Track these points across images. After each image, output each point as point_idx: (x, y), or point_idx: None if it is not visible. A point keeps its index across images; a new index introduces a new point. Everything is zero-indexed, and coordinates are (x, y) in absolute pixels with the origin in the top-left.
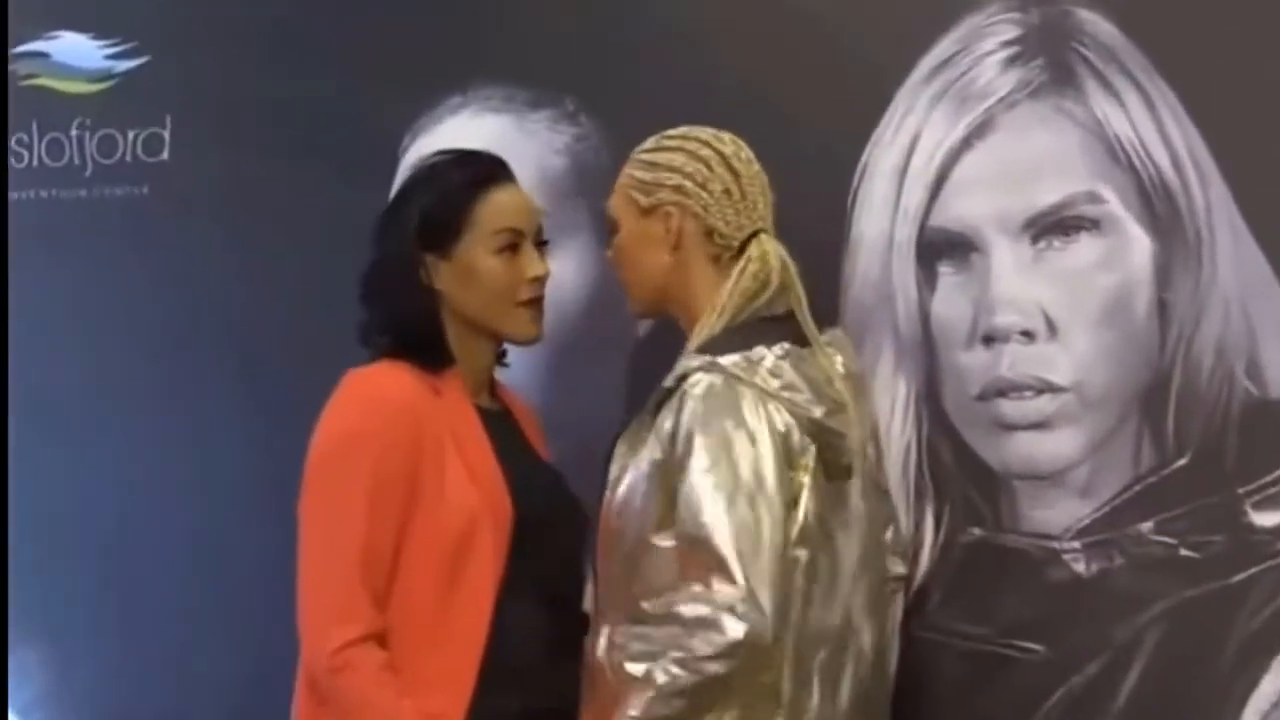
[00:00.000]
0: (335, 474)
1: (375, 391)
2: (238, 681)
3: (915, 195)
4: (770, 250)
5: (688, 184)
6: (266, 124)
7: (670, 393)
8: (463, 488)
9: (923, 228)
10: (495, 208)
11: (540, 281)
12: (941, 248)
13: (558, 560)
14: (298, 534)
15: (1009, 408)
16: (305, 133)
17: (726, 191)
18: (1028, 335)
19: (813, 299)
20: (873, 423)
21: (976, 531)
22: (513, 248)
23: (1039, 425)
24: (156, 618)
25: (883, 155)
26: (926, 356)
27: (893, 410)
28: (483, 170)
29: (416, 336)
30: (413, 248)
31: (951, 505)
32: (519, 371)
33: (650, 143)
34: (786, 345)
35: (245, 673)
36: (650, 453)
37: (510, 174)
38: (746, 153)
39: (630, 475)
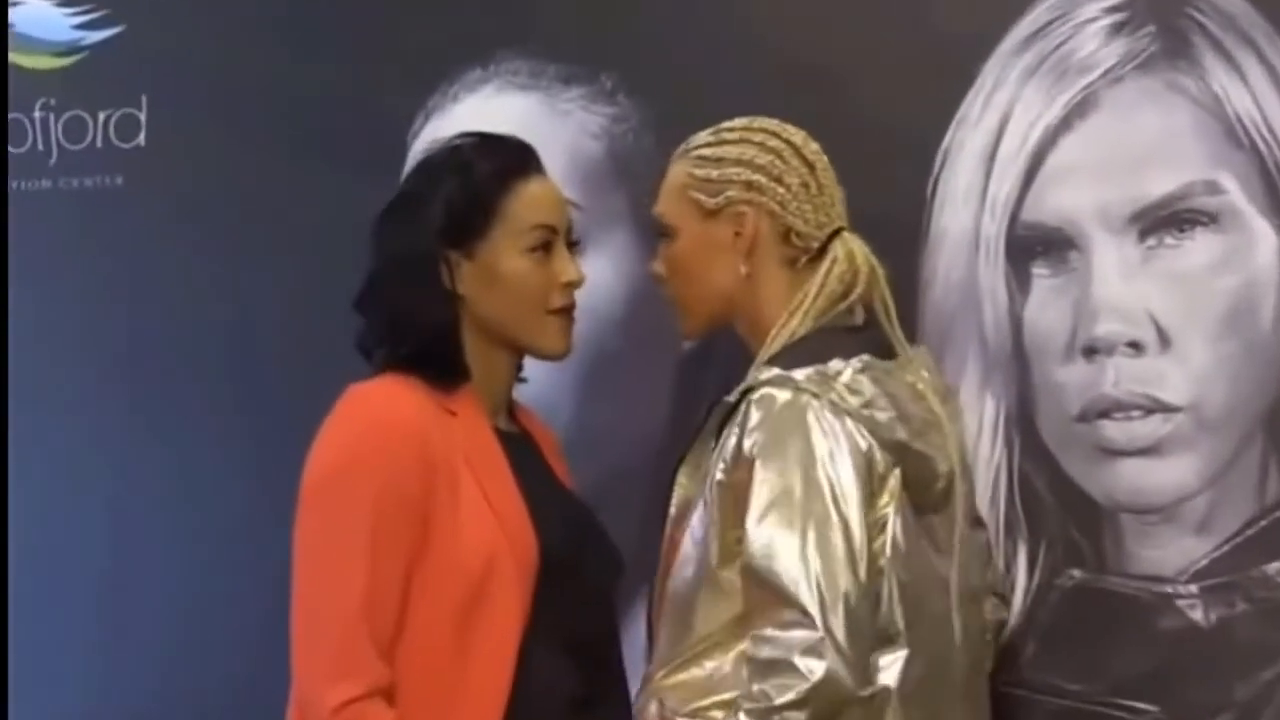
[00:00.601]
0: (333, 506)
1: (380, 410)
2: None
3: (1005, 185)
4: (856, 250)
5: (761, 178)
6: (257, 105)
7: (734, 410)
8: (481, 522)
9: (1014, 222)
10: (527, 201)
11: (574, 288)
12: (1035, 246)
13: (588, 604)
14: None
15: (1114, 430)
16: (301, 114)
17: (804, 185)
18: (1135, 347)
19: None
20: (965, 445)
21: (1076, 573)
22: (545, 247)
23: (1149, 451)
24: (151, 654)
25: (967, 139)
26: (1018, 371)
27: (980, 433)
28: (513, 157)
29: (432, 347)
30: (435, 244)
31: (1048, 543)
32: (537, 389)
33: (706, 136)
34: (866, 358)
35: (247, 702)
36: (713, 476)
37: (540, 164)
38: (816, 144)
39: (695, 506)
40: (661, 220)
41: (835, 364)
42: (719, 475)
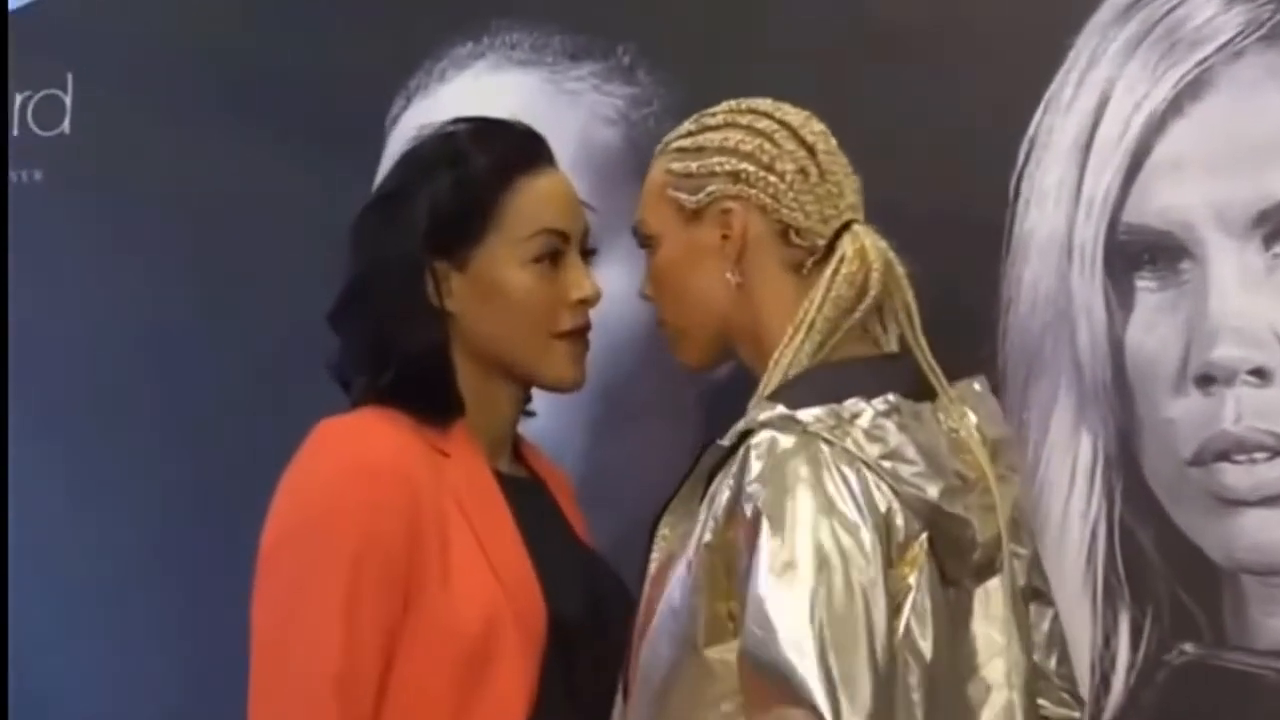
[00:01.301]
0: (299, 568)
1: (357, 450)
2: None
3: (1103, 180)
4: (869, 245)
5: (748, 167)
6: (204, 84)
7: (728, 455)
8: (479, 581)
9: (1113, 225)
10: (533, 201)
11: (587, 306)
12: (1140, 253)
13: (605, 677)
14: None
15: (1235, 475)
16: (258, 97)
17: (802, 172)
18: (1260, 375)
19: (954, 324)
20: (1022, 504)
21: (1190, 648)
22: (552, 257)
23: (1276, 500)
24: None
25: (1057, 125)
26: (1119, 404)
27: (1072, 479)
28: (517, 148)
29: (419, 374)
30: (419, 252)
31: (1154, 612)
32: (549, 425)
33: (687, 124)
34: (893, 398)
35: None
36: (701, 535)
37: (550, 156)
38: (819, 125)
39: (676, 566)
40: (641, 229)
41: (853, 403)
42: (707, 536)
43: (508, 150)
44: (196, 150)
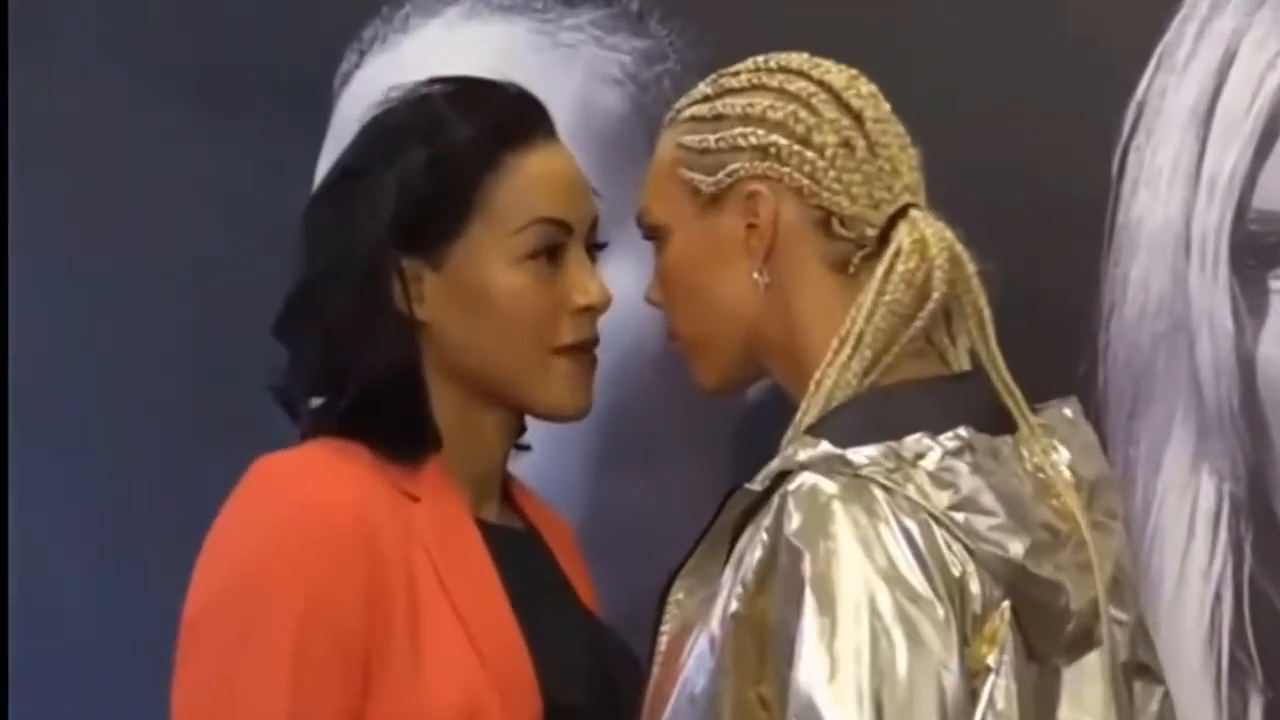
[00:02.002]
0: (232, 638)
1: (304, 495)
2: None
3: (1228, 157)
4: (931, 236)
5: (779, 140)
6: (120, 43)
7: (759, 504)
8: (456, 658)
9: (1241, 212)
10: (527, 183)
11: (595, 314)
12: (1275, 246)
13: None
14: None
15: None
16: (181, 50)
17: (846, 145)
18: None
19: (1041, 336)
20: (1126, 561)
21: None
22: (551, 254)
23: None
24: None
25: (1171, 89)
26: (1250, 435)
27: (1190, 529)
28: (506, 117)
29: (381, 400)
30: (384, 247)
31: None
32: (542, 461)
33: (703, 87)
34: (965, 432)
35: None
36: (726, 603)
37: (550, 126)
38: (868, 86)
39: (694, 639)
40: (646, 217)
41: (916, 439)
42: (735, 604)
43: (497, 118)
44: (115, 123)
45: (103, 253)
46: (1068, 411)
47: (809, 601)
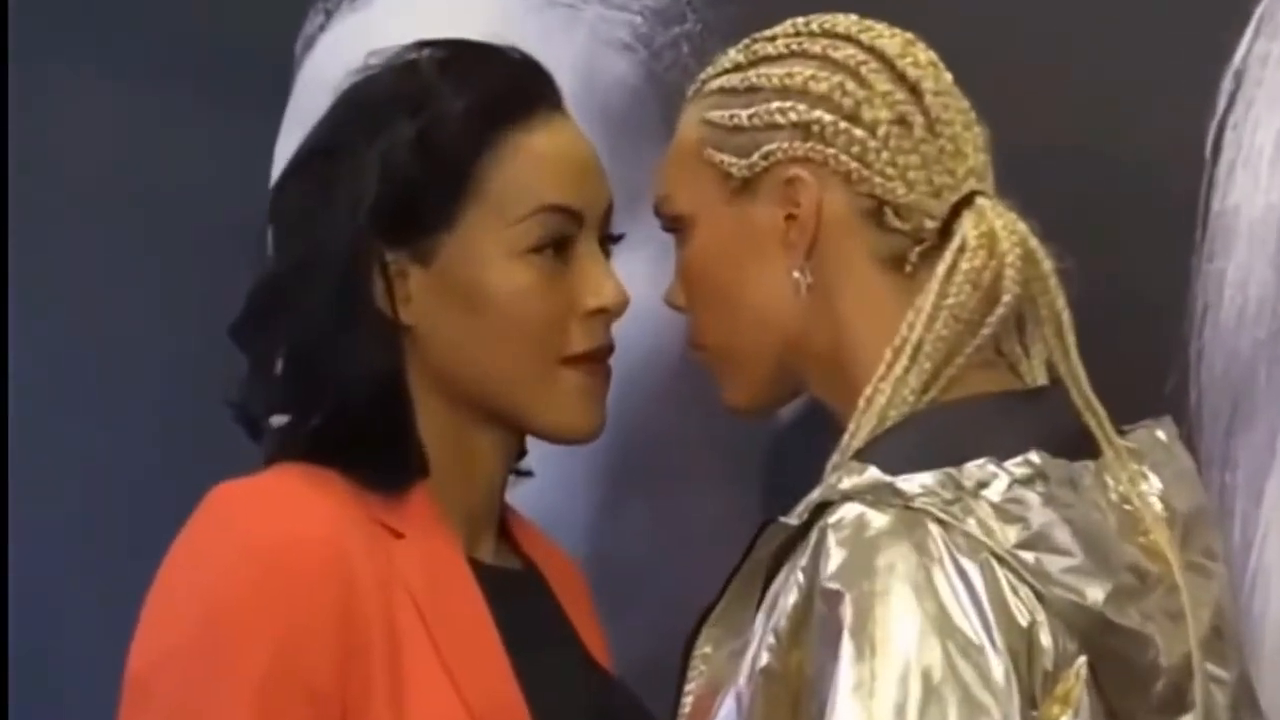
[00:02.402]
0: (184, 698)
1: (269, 530)
2: None
3: None
4: (1000, 228)
5: (824, 116)
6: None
7: (796, 540)
8: (442, 715)
9: None
10: (531, 164)
11: (609, 318)
12: None
13: None
14: None
15: None
16: (117, 23)
17: (902, 122)
18: None
19: (1126, 344)
20: (1226, 607)
21: None
22: (558, 247)
23: None
24: None
25: (1275, 56)
26: None
27: None
28: (507, 87)
29: (359, 417)
30: (363, 238)
31: None
32: (551, 489)
33: (734, 53)
34: (1037, 457)
35: None
36: (756, 655)
37: (558, 98)
38: (927, 53)
39: (721, 700)
40: (666, 206)
41: (980, 465)
42: (765, 657)
43: (496, 88)
44: (33, 85)
45: (102, 248)
46: (1160, 434)
47: (846, 649)
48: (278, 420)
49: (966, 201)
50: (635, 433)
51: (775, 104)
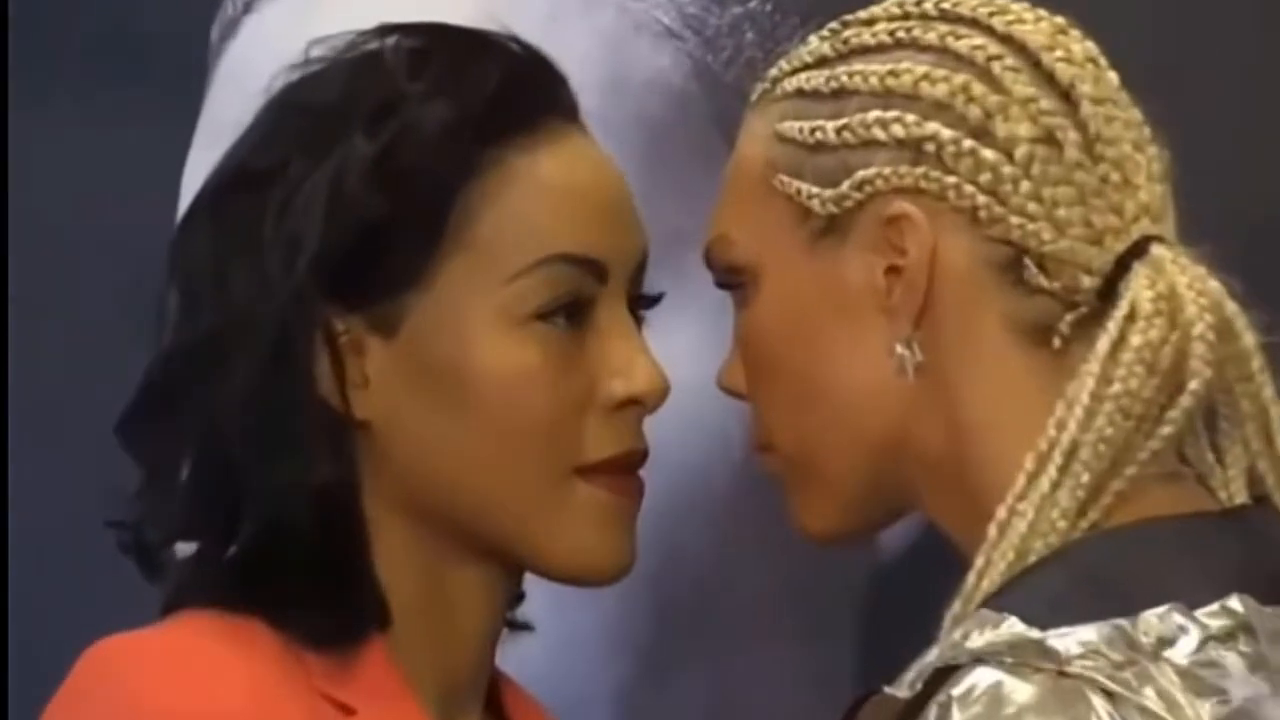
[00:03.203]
0: None
1: (162, 705)
2: None
3: None
4: (1182, 287)
5: (940, 131)
6: None
7: (907, 718)
8: None
9: None
10: (531, 196)
11: (642, 411)
12: None
13: None
14: None
15: None
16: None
17: (1049, 141)
18: None
19: None
20: None
21: None
22: (573, 312)
23: None
24: None
25: None
26: None
27: None
28: (499, 90)
29: (292, 549)
30: (302, 299)
31: None
32: (560, 650)
33: (816, 41)
34: (1239, 605)
35: None
36: None
37: (572, 105)
38: (1083, 45)
39: None
40: (721, 252)
41: (1159, 615)
42: None
43: (487, 93)
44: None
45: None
46: None
47: None
48: (182, 550)
49: (1137, 251)
50: (677, 571)
51: (874, 113)
